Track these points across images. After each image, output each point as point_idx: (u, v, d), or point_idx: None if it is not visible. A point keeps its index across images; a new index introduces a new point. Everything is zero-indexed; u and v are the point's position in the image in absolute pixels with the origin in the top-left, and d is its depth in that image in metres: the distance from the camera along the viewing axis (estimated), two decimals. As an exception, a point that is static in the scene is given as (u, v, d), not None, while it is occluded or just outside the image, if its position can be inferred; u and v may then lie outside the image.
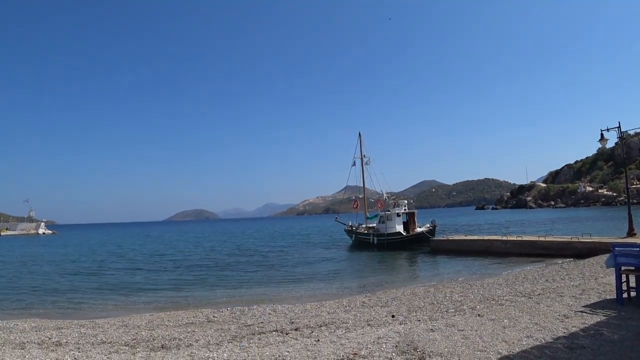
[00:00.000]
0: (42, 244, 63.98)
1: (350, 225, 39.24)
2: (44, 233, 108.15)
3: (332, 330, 8.09)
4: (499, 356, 5.34)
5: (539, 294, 9.85)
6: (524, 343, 5.81)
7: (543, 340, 5.87)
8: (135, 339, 8.37)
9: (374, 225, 35.54)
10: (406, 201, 35.78)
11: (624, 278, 8.21)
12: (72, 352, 7.29)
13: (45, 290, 18.60)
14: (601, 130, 20.58)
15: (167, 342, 7.96)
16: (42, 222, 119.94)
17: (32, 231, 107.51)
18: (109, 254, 39.38)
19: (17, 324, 10.84)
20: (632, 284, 8.27)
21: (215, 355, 6.46)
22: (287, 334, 8.18)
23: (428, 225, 32.07)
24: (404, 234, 31.78)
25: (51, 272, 25.69)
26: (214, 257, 32.68)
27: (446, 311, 9.08)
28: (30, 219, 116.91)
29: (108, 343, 8.18)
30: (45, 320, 11.85)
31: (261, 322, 9.68)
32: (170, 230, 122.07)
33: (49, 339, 8.72)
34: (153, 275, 22.90)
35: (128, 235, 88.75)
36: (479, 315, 8.01)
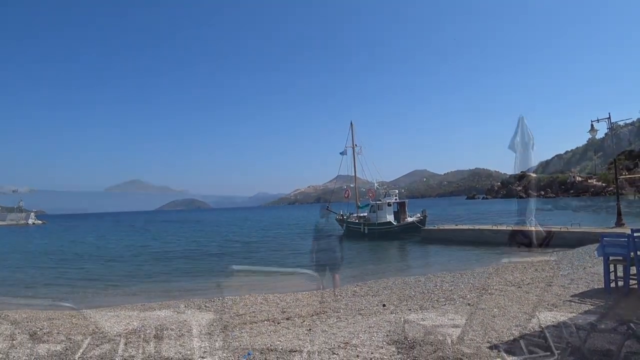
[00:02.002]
0: (29, 234, 63.39)
1: (341, 215, 39.35)
2: (33, 223, 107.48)
3: (324, 320, 8.13)
4: (489, 345, 5.40)
5: (528, 284, 9.96)
6: (514, 332, 5.88)
7: (532, 330, 5.94)
8: (127, 329, 8.35)
9: (365, 214, 35.68)
10: (397, 191, 35.96)
11: (611, 268, 8.33)
12: (63, 343, 7.25)
13: (32, 282, 18.45)
14: (591, 121, 20.76)
15: (159, 332, 7.95)
16: (32, 212, 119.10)
17: (22, 221, 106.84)
18: (90, 245, 39.04)
19: (8, 315, 10.75)
20: (620, 273, 8.39)
21: (207, 344, 6.46)
22: (278, 323, 8.21)
23: (419, 215, 32.25)
24: (395, 223, 31.94)
25: (34, 264, 25.50)
26: (201, 247, 32.57)
27: (437, 300, 9.17)
28: (20, 209, 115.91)
29: (100, 333, 8.16)
30: (36, 311, 11.76)
31: (253, 312, 9.70)
32: (158, 219, 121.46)
33: (40, 329, 8.66)
34: (138, 266, 22.80)
35: (113, 226, 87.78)
36: (469, 304, 8.09)
